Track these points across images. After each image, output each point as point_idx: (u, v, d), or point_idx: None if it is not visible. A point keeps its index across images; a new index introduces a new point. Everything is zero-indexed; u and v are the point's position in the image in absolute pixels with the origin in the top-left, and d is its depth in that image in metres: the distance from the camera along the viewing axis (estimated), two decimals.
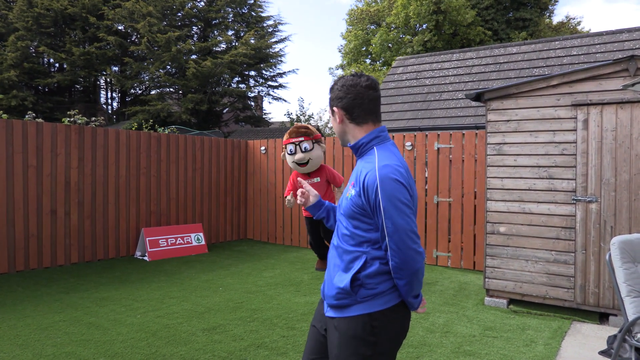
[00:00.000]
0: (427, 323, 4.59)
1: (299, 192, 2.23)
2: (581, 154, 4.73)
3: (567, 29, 26.89)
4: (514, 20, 24.76)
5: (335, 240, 1.96)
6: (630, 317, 3.02)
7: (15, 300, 5.17)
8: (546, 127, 4.91)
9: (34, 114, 7.76)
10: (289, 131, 6.17)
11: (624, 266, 3.17)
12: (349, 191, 1.89)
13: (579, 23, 27.79)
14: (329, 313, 1.92)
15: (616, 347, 3.09)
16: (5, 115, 6.75)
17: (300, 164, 6.01)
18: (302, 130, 6.12)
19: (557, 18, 29.20)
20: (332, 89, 1.99)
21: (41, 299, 5.23)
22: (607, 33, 10.62)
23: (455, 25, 23.16)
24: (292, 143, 6.06)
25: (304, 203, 2.25)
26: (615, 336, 4.11)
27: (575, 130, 4.76)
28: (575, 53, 10.47)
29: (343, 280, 1.84)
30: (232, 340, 4.08)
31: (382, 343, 1.81)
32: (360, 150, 1.93)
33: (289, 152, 6.07)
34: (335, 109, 1.96)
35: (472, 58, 12.00)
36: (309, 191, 2.23)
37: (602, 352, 3.92)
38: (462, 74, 11.56)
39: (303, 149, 6.01)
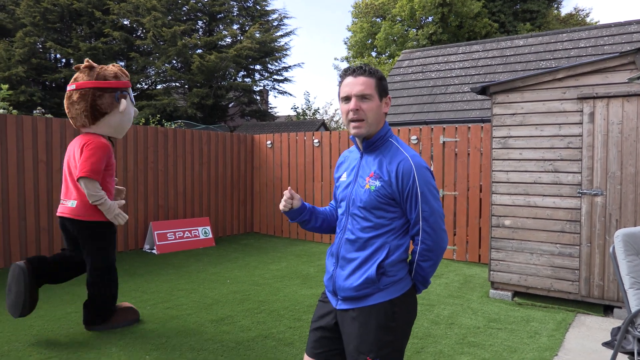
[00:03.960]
0: (432, 315, 4.64)
1: (286, 195, 2.09)
2: (587, 147, 4.74)
3: (576, 21, 26.69)
4: (521, 12, 24.60)
5: (348, 234, 1.97)
6: (634, 309, 3.06)
7: None
8: (552, 120, 4.92)
9: (42, 110, 7.84)
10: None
11: (627, 259, 3.20)
12: (369, 183, 1.92)
13: (587, 15, 27.59)
14: (343, 306, 1.96)
15: (619, 339, 3.13)
16: (14, 111, 6.83)
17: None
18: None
19: (565, 10, 28.90)
20: (382, 77, 1.96)
21: (53, 291, 5.33)
22: (616, 25, 10.55)
23: (461, 17, 23.03)
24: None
25: (285, 208, 2.10)
26: (619, 328, 4.15)
27: (581, 123, 4.77)
28: (582, 45, 10.41)
29: (368, 270, 1.89)
30: (240, 331, 4.15)
31: (402, 327, 1.90)
32: (377, 142, 1.98)
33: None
34: (389, 97, 2.02)
35: (479, 51, 11.97)
36: (293, 195, 2.11)
37: (605, 344, 3.97)
38: (468, 67, 11.54)
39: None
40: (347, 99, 1.92)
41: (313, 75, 76.49)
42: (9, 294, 3.84)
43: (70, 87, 4.05)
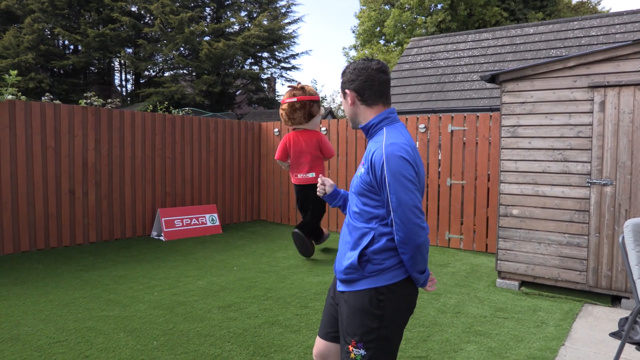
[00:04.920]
0: (438, 304, 4.65)
1: (319, 182, 2.34)
2: (597, 136, 4.69)
3: (587, 9, 26.29)
4: (532, 0, 24.24)
5: (347, 218, 2.07)
6: None
7: (37, 277, 5.33)
8: (562, 109, 4.87)
9: (51, 96, 7.86)
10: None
11: (637, 249, 3.18)
12: (359, 170, 1.99)
13: (599, 2, 27.15)
14: (340, 288, 2.04)
15: (627, 329, 3.12)
16: (23, 97, 6.85)
17: None
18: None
19: None
20: (344, 73, 2.08)
21: (62, 276, 5.39)
22: (628, 13, 10.39)
23: (471, 5, 22.75)
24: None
25: (321, 194, 2.36)
26: (626, 318, 4.13)
27: (592, 112, 4.71)
28: (594, 33, 10.27)
29: (352, 256, 1.94)
30: (247, 318, 4.18)
31: (388, 316, 1.90)
32: (370, 131, 2.02)
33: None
34: (347, 91, 2.05)
35: (488, 39, 11.83)
36: (324, 181, 2.33)
37: (613, 334, 3.96)
38: (478, 55, 11.42)
39: None
40: None
41: (321, 63, 76.14)
42: (300, 248, 6.24)
43: (291, 100, 6.07)
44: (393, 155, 1.83)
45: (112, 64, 28.33)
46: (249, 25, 24.26)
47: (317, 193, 2.35)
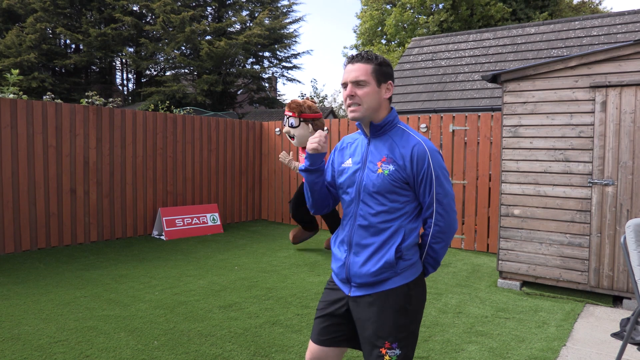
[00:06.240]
0: (439, 304, 4.64)
1: (323, 135, 2.03)
2: (598, 136, 4.68)
3: (588, 9, 26.23)
4: (533, 0, 24.19)
5: (360, 220, 1.95)
6: None
7: (38, 276, 5.33)
8: (563, 109, 4.86)
9: (52, 95, 7.87)
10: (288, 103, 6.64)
11: (638, 249, 3.17)
12: (382, 168, 1.91)
13: (600, 2, 27.09)
14: (358, 292, 1.95)
15: (628, 329, 3.11)
16: (25, 96, 6.85)
17: (289, 136, 6.60)
18: (292, 105, 6.48)
19: None
20: (385, 63, 1.96)
21: (62, 275, 5.39)
22: (629, 13, 10.36)
23: (472, 5, 22.71)
24: (285, 115, 6.58)
25: (320, 149, 2.03)
26: (628, 319, 4.13)
27: (593, 112, 4.70)
28: (595, 33, 10.24)
29: (385, 254, 1.90)
30: (248, 318, 4.18)
31: (416, 310, 1.94)
32: (385, 127, 1.99)
33: (283, 123, 6.63)
34: (391, 82, 1.99)
35: (489, 39, 11.81)
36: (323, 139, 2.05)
37: (614, 334, 3.95)
38: (479, 55, 11.40)
39: (289, 124, 6.48)
40: (344, 85, 1.97)
41: (322, 62, 76.11)
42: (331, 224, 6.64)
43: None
44: (434, 150, 1.93)
45: (114, 63, 28.34)
46: (251, 24, 24.26)
47: (316, 145, 2.01)
